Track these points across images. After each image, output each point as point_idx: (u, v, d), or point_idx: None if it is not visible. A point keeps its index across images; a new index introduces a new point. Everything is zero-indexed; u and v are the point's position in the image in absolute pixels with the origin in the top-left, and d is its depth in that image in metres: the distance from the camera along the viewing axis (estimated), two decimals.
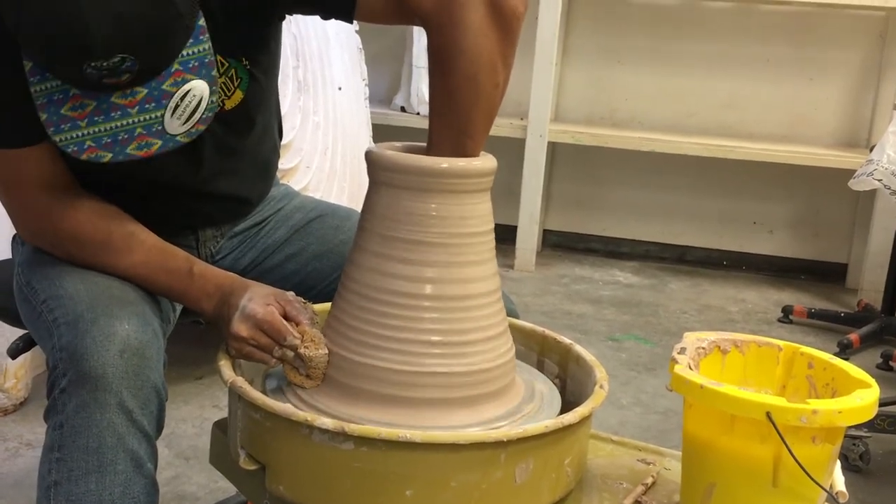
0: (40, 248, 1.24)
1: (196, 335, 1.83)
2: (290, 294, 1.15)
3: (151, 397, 1.08)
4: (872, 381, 1.02)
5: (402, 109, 3.91)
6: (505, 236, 2.41)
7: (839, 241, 3.92)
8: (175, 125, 1.06)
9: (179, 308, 1.33)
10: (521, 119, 3.80)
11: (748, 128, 3.91)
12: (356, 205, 1.21)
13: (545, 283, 3.65)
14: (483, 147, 1.13)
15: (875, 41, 3.77)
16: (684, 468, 1.08)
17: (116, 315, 1.08)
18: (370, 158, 1.10)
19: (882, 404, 2.06)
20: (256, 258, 1.42)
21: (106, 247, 1.19)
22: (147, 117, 1.06)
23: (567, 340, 1.28)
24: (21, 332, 1.44)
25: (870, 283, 3.60)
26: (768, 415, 0.93)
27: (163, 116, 1.06)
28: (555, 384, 1.24)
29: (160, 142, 1.07)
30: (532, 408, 1.13)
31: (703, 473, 1.03)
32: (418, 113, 3.81)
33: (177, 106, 1.06)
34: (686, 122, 3.96)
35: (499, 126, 3.25)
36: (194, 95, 1.06)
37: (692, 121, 3.96)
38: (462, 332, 1.07)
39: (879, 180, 2.66)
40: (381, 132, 3.37)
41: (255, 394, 1.04)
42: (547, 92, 3.70)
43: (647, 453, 1.23)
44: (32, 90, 1.05)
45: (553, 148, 3.95)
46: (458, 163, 1.08)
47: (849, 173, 2.86)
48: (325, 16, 1.22)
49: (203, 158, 1.28)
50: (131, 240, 1.20)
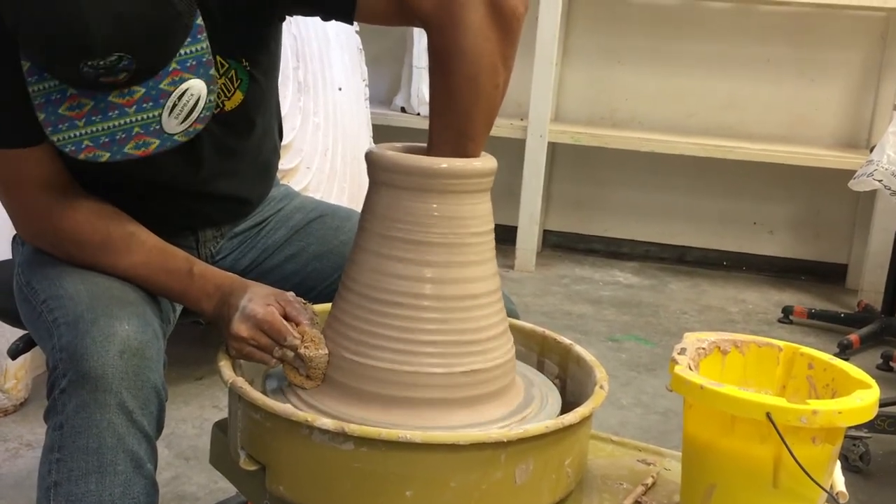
0: (40, 249, 1.24)
1: (196, 336, 1.83)
2: (291, 294, 1.15)
3: (151, 398, 1.08)
4: (872, 382, 1.02)
5: (403, 110, 3.91)
6: (505, 237, 2.41)
7: (839, 242, 3.92)
8: (173, 124, 1.06)
9: (179, 308, 1.33)
10: (522, 119, 3.80)
11: (748, 128, 3.91)
12: (356, 205, 1.21)
13: (545, 284, 3.65)
14: (483, 147, 1.13)
15: (875, 42, 3.77)
16: (684, 469, 1.08)
17: (116, 315, 1.08)
18: (370, 159, 1.10)
19: (882, 405, 2.06)
20: (256, 259, 1.42)
21: (106, 247, 1.19)
22: (145, 116, 1.05)
23: (567, 341, 1.28)
24: (21, 333, 1.44)
25: (870, 284, 3.60)
26: (768, 415, 0.93)
27: (160, 116, 1.06)
28: (555, 384, 1.24)
29: (158, 141, 1.07)
30: (532, 408, 1.13)
31: (704, 474, 1.03)
32: (418, 114, 3.81)
33: (174, 105, 1.05)
34: (686, 123, 3.96)
35: (499, 126, 3.25)
36: (192, 94, 1.06)
37: (692, 121, 3.96)
38: (462, 333, 1.07)
39: (879, 181, 2.65)
40: (382, 133, 3.37)
41: (256, 394, 1.04)
42: (547, 92, 3.70)
43: (648, 454, 1.23)
44: (30, 90, 1.05)
45: (553, 148, 3.95)
46: (458, 163, 1.08)
47: (849, 174, 2.86)
48: (326, 17, 1.21)
49: (203, 159, 1.28)
50: (131, 240, 1.20)
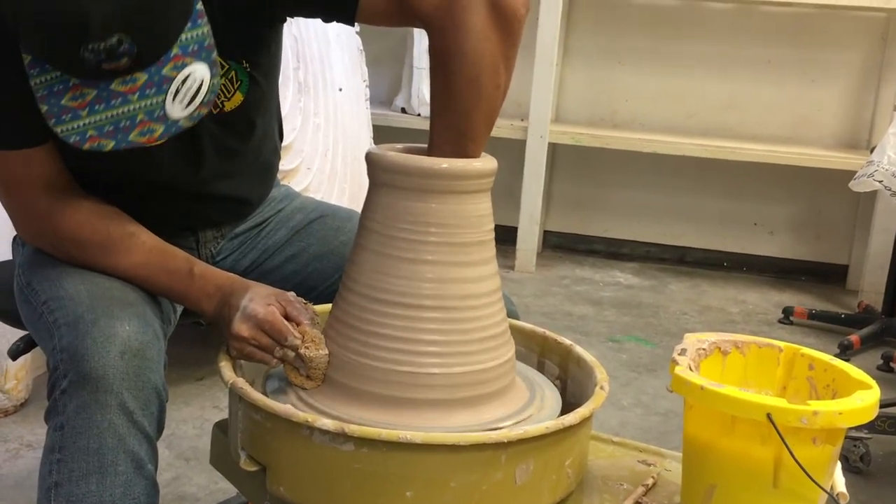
0: (41, 250, 1.24)
1: (197, 336, 1.84)
2: (291, 294, 1.15)
3: (152, 398, 1.08)
4: (873, 383, 1.02)
5: (403, 111, 3.91)
6: (505, 237, 2.41)
7: (840, 243, 3.92)
8: (177, 110, 1.06)
9: (180, 309, 1.33)
10: (522, 120, 3.79)
11: (749, 129, 3.91)
12: (357, 206, 1.21)
13: (546, 285, 3.65)
14: (484, 148, 1.13)
15: (876, 42, 3.77)
16: (685, 469, 1.08)
17: (117, 316, 1.08)
18: (370, 159, 1.10)
19: (882, 406, 2.06)
20: (257, 259, 1.42)
21: (106, 248, 1.19)
22: (148, 103, 1.05)
23: (567, 341, 1.28)
24: (22, 334, 1.44)
25: (870, 285, 3.60)
26: (769, 416, 0.93)
27: (164, 102, 1.05)
28: (555, 385, 1.24)
29: (163, 127, 1.06)
30: (532, 409, 1.13)
31: (704, 474, 1.03)
32: (419, 114, 3.81)
33: (178, 90, 1.05)
34: (687, 123, 3.96)
35: (499, 127, 3.23)
36: (195, 79, 1.05)
37: (693, 122, 3.96)
38: (463, 333, 1.07)
39: (880, 181, 2.65)
40: (382, 133, 3.37)
41: (256, 395, 1.04)
42: (547, 93, 3.70)
43: (648, 454, 1.23)
44: (32, 83, 1.04)
45: (553, 149, 3.95)
46: (458, 164, 1.08)
47: (849, 174, 2.86)
48: (327, 18, 1.21)
49: (203, 160, 1.28)
50: (131, 241, 1.20)
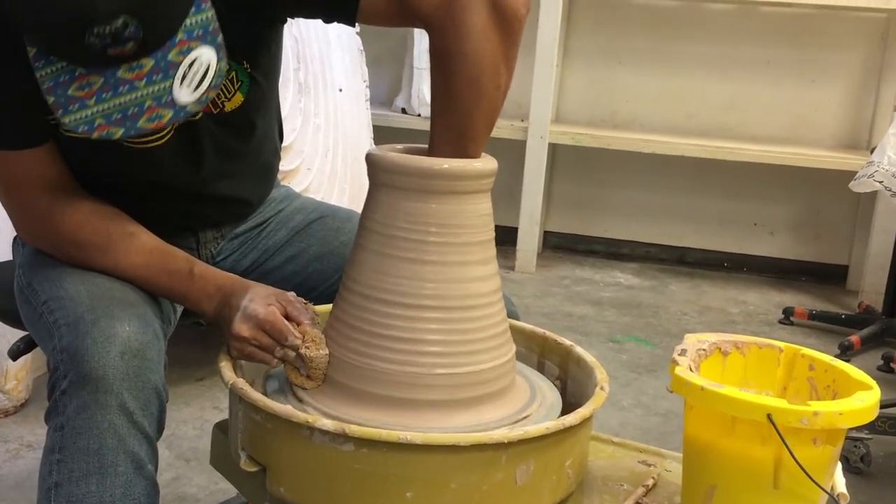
0: (41, 250, 1.24)
1: (197, 337, 1.84)
2: (291, 294, 1.15)
3: (152, 399, 1.08)
4: (873, 383, 1.02)
5: (403, 111, 3.91)
6: (505, 238, 2.41)
7: (840, 243, 3.92)
8: (185, 94, 1.05)
9: (180, 309, 1.33)
10: (522, 121, 3.79)
11: (749, 129, 3.91)
12: (357, 206, 1.21)
13: (546, 285, 3.65)
14: (484, 148, 1.13)
15: (876, 43, 3.77)
16: (685, 470, 1.08)
17: (117, 316, 1.08)
18: (371, 160, 1.10)
19: (883, 406, 2.06)
20: (257, 260, 1.42)
21: (106, 249, 1.19)
22: (156, 89, 1.04)
23: (568, 342, 1.28)
24: (22, 334, 1.44)
25: (870, 285, 3.60)
26: (769, 416, 0.93)
27: (171, 86, 1.04)
28: (555, 386, 1.24)
29: (171, 112, 1.05)
30: (533, 409, 1.13)
31: (704, 475, 1.03)
32: (419, 115, 3.81)
33: (185, 75, 1.04)
34: (687, 124, 3.96)
35: (499, 128, 3.24)
36: (201, 63, 1.05)
37: (693, 122, 3.96)
38: (463, 333, 1.07)
39: (880, 182, 2.65)
40: (382, 134, 3.37)
41: (256, 395, 1.04)
42: (547, 94, 3.70)
43: (648, 455, 1.23)
44: (38, 75, 1.04)
45: (554, 149, 3.95)
46: (459, 164, 1.08)
47: (850, 175, 2.86)
48: (328, 19, 1.21)
49: (203, 160, 1.28)
50: (132, 241, 1.20)
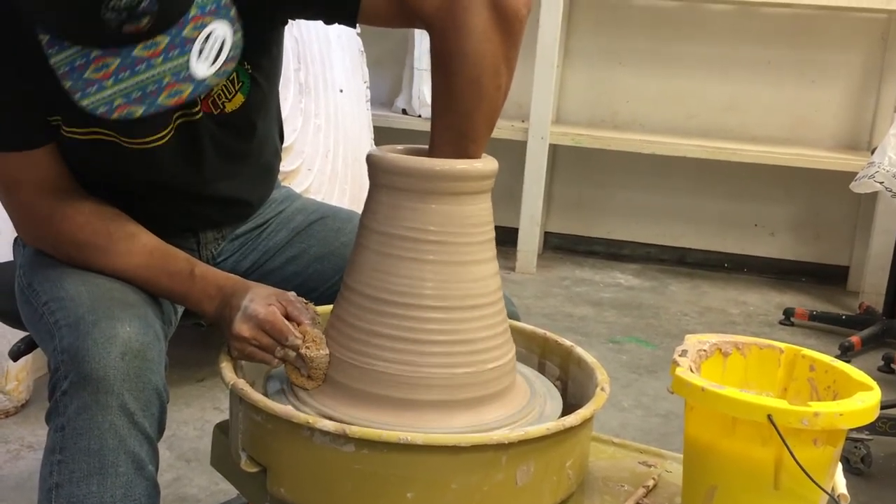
0: (42, 251, 1.24)
1: (197, 337, 1.84)
2: (292, 294, 1.15)
3: (153, 399, 1.08)
4: (874, 384, 1.02)
5: (404, 112, 3.91)
6: (506, 238, 2.41)
7: (840, 244, 3.92)
8: (202, 68, 1.05)
9: (181, 310, 1.33)
10: (523, 121, 3.79)
11: (749, 130, 3.91)
12: (357, 207, 1.21)
13: (546, 286, 3.65)
14: (485, 149, 1.13)
15: (877, 43, 3.77)
16: (685, 471, 1.08)
17: (118, 317, 1.08)
18: (371, 161, 1.10)
19: (883, 407, 2.06)
20: (258, 260, 1.42)
21: (107, 249, 1.19)
22: (173, 65, 1.04)
23: (568, 343, 1.28)
24: (22, 335, 1.44)
25: (871, 286, 3.60)
26: (770, 417, 0.93)
27: (188, 61, 1.04)
28: (556, 386, 1.24)
29: (191, 87, 1.05)
30: (533, 410, 1.13)
31: (705, 476, 1.03)
32: (420, 115, 3.81)
33: (201, 49, 1.04)
34: (687, 125, 3.96)
35: (500, 128, 3.24)
36: (217, 37, 1.05)
37: (693, 123, 3.96)
38: (463, 333, 1.07)
39: (881, 182, 2.65)
40: (383, 135, 3.37)
41: (257, 396, 1.04)
42: (548, 94, 3.70)
43: (649, 456, 1.23)
44: (52, 62, 1.03)
45: (554, 150, 3.95)
46: (459, 165, 1.08)
47: (850, 176, 2.86)
48: (329, 20, 1.20)
49: (203, 161, 1.28)
50: (132, 242, 1.20)
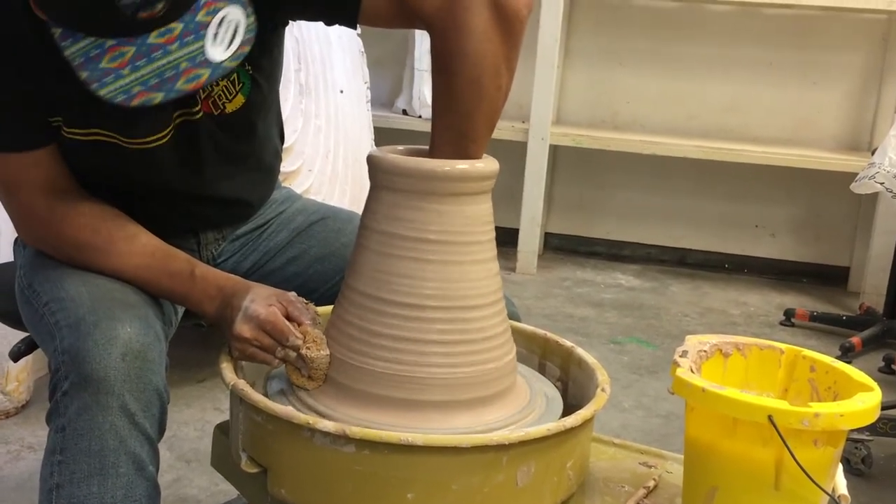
0: (42, 251, 1.24)
1: (198, 338, 1.83)
2: (292, 294, 1.15)
3: (153, 400, 1.08)
4: (874, 385, 1.02)
5: (404, 112, 3.91)
6: (506, 239, 2.41)
7: (841, 245, 3.92)
8: (218, 52, 1.05)
9: (181, 311, 1.33)
10: (523, 122, 3.79)
11: (750, 131, 3.90)
12: (358, 208, 1.21)
13: (547, 286, 3.65)
14: (485, 149, 1.13)
15: (878, 44, 3.77)
16: (686, 471, 1.08)
17: (118, 318, 1.08)
18: (372, 162, 1.10)
19: (884, 408, 2.05)
20: (258, 261, 1.42)
21: (107, 250, 1.19)
22: (189, 51, 1.04)
23: (569, 343, 1.28)
24: (23, 335, 1.44)
25: (872, 287, 3.59)
26: (770, 418, 0.93)
27: (204, 46, 1.05)
28: (556, 387, 1.24)
29: (208, 71, 1.05)
30: (534, 411, 1.13)
31: (705, 477, 1.03)
32: (420, 116, 3.81)
33: (216, 34, 1.05)
34: (688, 125, 3.95)
35: (500, 129, 3.24)
36: (230, 21, 1.05)
37: (694, 124, 3.96)
38: (464, 333, 1.07)
39: (881, 183, 2.65)
40: (383, 135, 3.37)
41: (257, 396, 1.04)
42: (548, 95, 3.70)
43: (649, 456, 1.23)
44: (67, 54, 1.03)
45: (554, 151, 3.95)
46: (460, 165, 1.08)
47: (851, 176, 2.85)
48: (329, 21, 1.21)
49: (204, 162, 1.28)
50: (133, 243, 1.20)
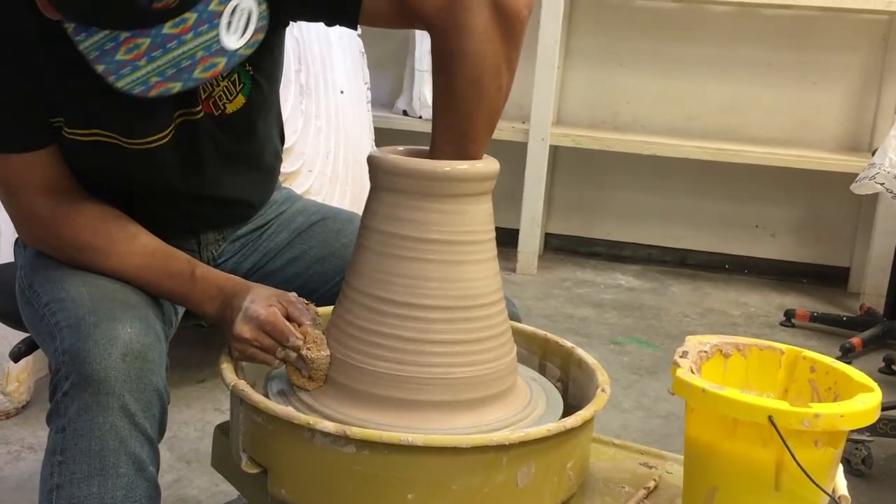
0: (43, 252, 1.24)
1: (198, 338, 1.83)
2: (293, 295, 1.15)
3: (154, 400, 1.08)
4: (875, 385, 1.02)
5: (405, 113, 3.91)
6: (507, 240, 2.41)
7: (841, 245, 3.92)
8: (232, 40, 1.06)
9: (182, 311, 1.33)
10: (523, 122, 3.79)
11: (750, 131, 3.90)
12: (358, 208, 1.21)
13: (547, 287, 3.65)
14: (485, 150, 1.13)
15: (878, 45, 3.77)
16: (686, 472, 1.08)
17: (119, 318, 1.08)
18: (372, 162, 1.10)
19: (884, 408, 2.06)
20: (258, 262, 1.42)
21: (108, 251, 1.19)
22: (204, 40, 1.05)
23: (569, 344, 1.28)
24: (23, 336, 1.44)
25: (872, 287, 3.59)
26: (770, 418, 0.93)
27: (218, 35, 1.05)
28: (557, 388, 1.24)
29: (225, 59, 1.06)
30: (534, 411, 1.13)
31: (706, 477, 1.03)
32: (420, 117, 3.81)
33: (229, 22, 1.05)
34: (688, 126, 3.95)
35: (501, 130, 3.23)
36: (243, 9, 1.06)
37: (694, 124, 3.96)
38: (465, 333, 1.07)
39: (882, 184, 2.65)
40: (384, 136, 3.37)
41: (257, 397, 1.04)
42: (549, 95, 3.70)
43: (650, 457, 1.23)
44: (81, 48, 1.04)
45: (555, 151, 3.95)
46: (461, 166, 1.08)
47: (851, 177, 2.86)
48: (330, 22, 1.21)
49: (204, 162, 1.28)
50: (133, 243, 1.20)
